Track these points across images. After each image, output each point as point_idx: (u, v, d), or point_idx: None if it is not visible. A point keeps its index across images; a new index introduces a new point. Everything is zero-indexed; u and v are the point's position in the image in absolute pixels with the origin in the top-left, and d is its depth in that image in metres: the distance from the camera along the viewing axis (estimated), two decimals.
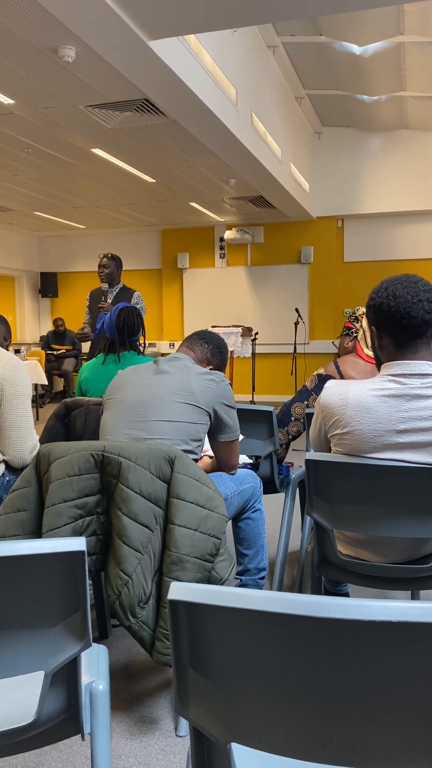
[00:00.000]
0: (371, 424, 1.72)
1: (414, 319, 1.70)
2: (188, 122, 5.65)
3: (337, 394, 1.79)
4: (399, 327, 1.73)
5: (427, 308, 1.71)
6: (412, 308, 1.70)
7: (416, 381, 1.71)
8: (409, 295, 1.71)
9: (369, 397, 1.73)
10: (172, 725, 1.96)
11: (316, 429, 1.91)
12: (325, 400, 1.82)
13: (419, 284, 1.73)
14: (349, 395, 1.76)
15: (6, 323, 2.77)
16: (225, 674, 0.88)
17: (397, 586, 1.88)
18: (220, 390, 2.22)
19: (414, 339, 1.73)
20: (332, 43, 6.64)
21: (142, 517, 1.83)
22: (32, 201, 8.93)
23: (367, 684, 0.81)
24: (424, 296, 1.71)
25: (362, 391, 1.75)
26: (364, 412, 1.72)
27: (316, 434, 1.93)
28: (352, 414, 1.74)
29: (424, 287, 1.73)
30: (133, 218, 10.18)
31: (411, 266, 9.87)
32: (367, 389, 1.75)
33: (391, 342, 1.76)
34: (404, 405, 1.70)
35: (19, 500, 1.94)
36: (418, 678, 0.79)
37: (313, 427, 1.93)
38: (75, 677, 1.21)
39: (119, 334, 3.11)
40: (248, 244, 10.52)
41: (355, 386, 1.78)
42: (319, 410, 1.86)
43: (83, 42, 4.12)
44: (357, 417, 1.73)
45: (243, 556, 2.58)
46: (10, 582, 1.10)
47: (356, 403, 1.74)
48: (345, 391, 1.78)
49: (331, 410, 1.79)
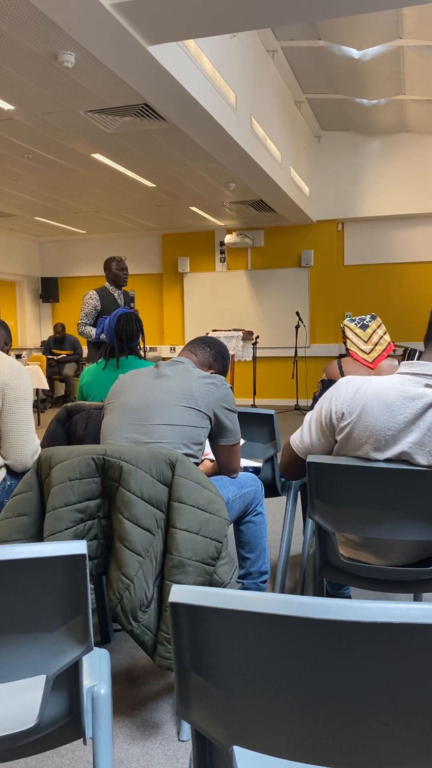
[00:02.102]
0: (387, 416, 1.70)
1: None
2: (188, 127, 5.66)
3: (356, 381, 1.78)
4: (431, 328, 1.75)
5: None
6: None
7: (422, 380, 1.70)
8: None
9: (388, 390, 1.72)
10: (174, 729, 1.95)
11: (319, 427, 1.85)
12: (343, 388, 1.79)
13: None
14: (370, 384, 1.75)
15: (7, 328, 2.77)
16: (227, 677, 0.88)
17: (400, 589, 1.88)
18: (220, 393, 2.22)
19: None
20: (331, 47, 6.66)
21: (143, 521, 1.83)
22: (33, 206, 8.95)
23: (370, 686, 0.80)
24: None
25: (382, 385, 1.74)
26: (383, 404, 1.71)
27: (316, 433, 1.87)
28: (370, 402, 1.72)
29: None
30: (134, 223, 10.20)
31: (411, 269, 9.88)
32: (387, 383, 1.74)
33: (425, 341, 1.78)
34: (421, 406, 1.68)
35: (20, 504, 1.94)
36: (420, 680, 0.79)
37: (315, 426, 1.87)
38: (77, 681, 1.21)
39: (118, 339, 3.12)
40: (248, 248, 10.54)
41: (375, 379, 1.77)
42: (328, 403, 1.81)
43: (83, 47, 4.14)
44: (375, 407, 1.71)
45: (245, 560, 2.58)
46: (12, 586, 1.09)
47: (375, 393, 1.73)
48: (364, 380, 1.77)
49: (349, 396, 1.76)
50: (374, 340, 2.99)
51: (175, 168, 7.09)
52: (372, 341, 2.99)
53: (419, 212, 9.47)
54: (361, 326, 3.03)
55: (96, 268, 11.60)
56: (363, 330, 3.01)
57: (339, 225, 10.16)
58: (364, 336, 3.01)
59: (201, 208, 9.10)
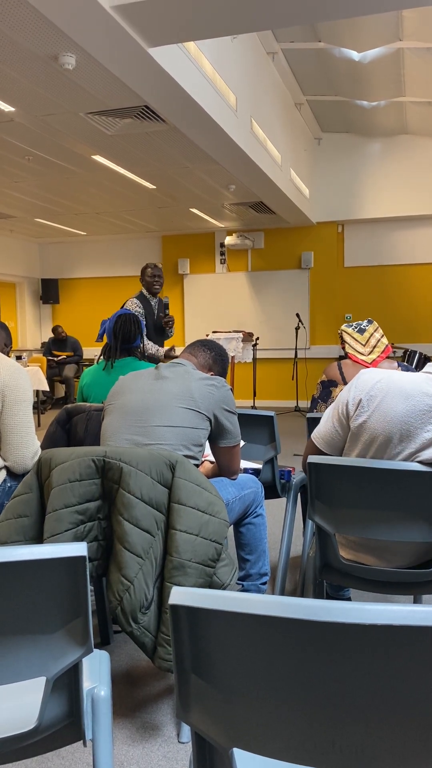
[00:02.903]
0: (405, 409, 1.69)
1: None
2: (188, 129, 5.67)
3: (379, 373, 1.78)
4: None
5: None
6: None
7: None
8: None
9: (410, 385, 1.72)
10: (174, 731, 1.95)
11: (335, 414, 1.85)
12: (364, 377, 1.79)
13: None
14: (392, 377, 1.75)
15: (7, 329, 2.77)
16: (227, 679, 0.88)
17: (400, 591, 1.88)
18: (220, 395, 2.22)
19: None
20: (331, 50, 6.67)
21: (143, 523, 1.83)
22: (33, 208, 8.96)
23: (369, 688, 0.80)
24: None
25: (405, 379, 1.74)
26: (404, 397, 1.70)
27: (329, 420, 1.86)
28: (391, 393, 1.71)
29: None
30: (134, 224, 10.20)
31: (411, 271, 9.88)
32: (410, 378, 1.74)
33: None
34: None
35: (20, 506, 1.94)
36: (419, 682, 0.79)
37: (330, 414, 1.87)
38: (77, 683, 1.21)
39: (115, 340, 3.12)
40: (249, 249, 10.54)
41: (398, 373, 1.77)
42: (347, 392, 1.81)
43: (83, 49, 4.14)
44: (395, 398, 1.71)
45: (245, 562, 2.58)
46: (12, 588, 1.09)
47: (397, 386, 1.72)
48: (387, 373, 1.77)
49: (370, 385, 1.75)
50: (372, 343, 3.02)
51: (176, 170, 7.10)
52: (370, 344, 3.02)
53: (419, 214, 9.47)
54: (359, 330, 3.06)
55: (96, 270, 11.60)
56: (360, 334, 3.04)
57: (339, 227, 10.17)
58: (361, 339, 3.03)
59: (201, 209, 9.11)
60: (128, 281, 11.44)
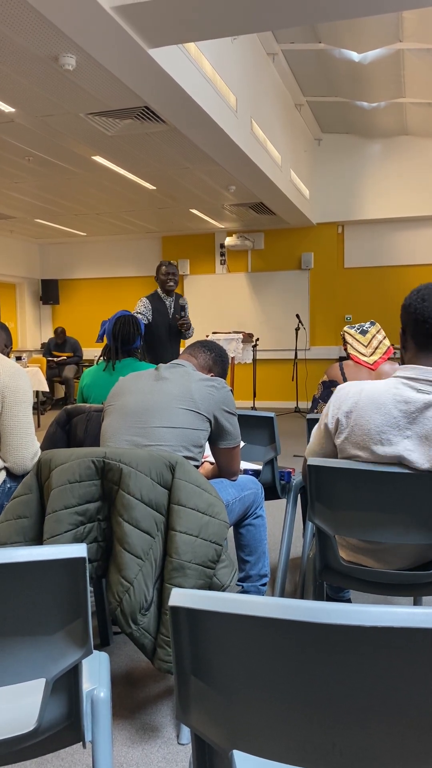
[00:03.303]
0: (381, 419, 1.71)
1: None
2: (188, 129, 5.67)
3: (352, 387, 1.79)
4: (420, 331, 1.72)
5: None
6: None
7: (429, 387, 1.70)
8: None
9: (382, 394, 1.73)
10: (173, 733, 1.95)
11: (320, 433, 1.88)
12: (339, 393, 1.81)
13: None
14: (364, 390, 1.76)
15: (7, 330, 2.77)
16: (227, 681, 0.88)
17: (400, 593, 1.88)
18: (220, 396, 2.22)
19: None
20: (331, 50, 6.67)
21: (143, 524, 1.83)
22: (33, 208, 8.96)
23: (370, 690, 0.80)
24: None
25: (376, 389, 1.74)
26: (376, 407, 1.71)
27: (317, 440, 1.90)
28: (364, 406, 1.73)
29: None
30: (134, 225, 10.20)
31: (411, 272, 9.88)
32: (381, 387, 1.74)
33: (413, 344, 1.76)
34: (414, 410, 1.69)
35: (20, 507, 1.93)
36: (420, 684, 0.79)
37: (316, 433, 1.90)
38: (76, 685, 1.21)
39: (114, 341, 3.11)
40: (249, 250, 10.55)
41: (370, 384, 1.78)
42: (327, 410, 1.84)
43: (83, 50, 4.14)
44: (368, 410, 1.72)
45: (244, 563, 2.58)
46: (11, 589, 1.09)
47: (369, 397, 1.73)
48: (359, 386, 1.78)
49: (345, 402, 1.77)
50: (374, 344, 3.03)
51: (176, 170, 7.10)
52: (372, 345, 3.02)
53: (419, 215, 9.47)
54: (361, 332, 3.07)
55: (96, 271, 11.60)
56: (363, 335, 3.06)
57: (339, 227, 10.17)
58: (363, 341, 3.04)
59: (201, 210, 9.11)
60: (128, 282, 11.44)
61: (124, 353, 3.14)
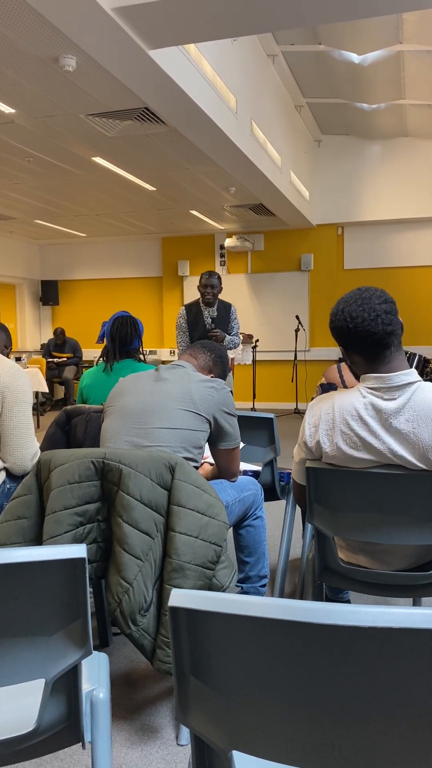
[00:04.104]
0: (360, 428, 1.73)
1: (375, 335, 1.72)
2: (188, 131, 5.67)
3: (323, 405, 1.82)
4: (363, 345, 1.74)
5: (386, 320, 1.71)
6: (371, 326, 1.71)
7: (395, 394, 1.72)
8: (365, 313, 1.72)
9: (353, 404, 1.75)
10: (173, 734, 1.95)
11: (301, 453, 1.90)
12: (313, 411, 1.84)
13: (374, 299, 1.73)
14: (335, 404, 1.78)
15: (6, 331, 2.77)
16: (226, 681, 0.88)
17: (399, 594, 1.88)
18: (220, 397, 2.23)
19: (382, 351, 1.74)
20: (331, 52, 6.68)
21: (142, 525, 1.83)
22: (33, 209, 8.96)
23: (369, 690, 0.80)
24: (381, 309, 1.72)
25: (347, 401, 1.77)
26: (353, 418, 1.74)
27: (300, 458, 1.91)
28: (342, 420, 1.75)
29: (380, 300, 1.73)
30: (134, 226, 10.21)
31: (411, 273, 9.89)
32: (351, 398, 1.77)
33: (362, 359, 1.78)
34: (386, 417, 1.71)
35: (19, 508, 1.94)
36: (418, 684, 0.79)
37: (297, 452, 1.92)
38: (75, 685, 1.21)
39: (113, 342, 3.11)
40: (248, 251, 10.55)
41: (338, 397, 1.80)
42: (303, 429, 1.86)
43: (84, 51, 4.15)
44: (348, 423, 1.75)
45: (244, 564, 2.58)
46: (11, 589, 1.09)
47: (344, 410, 1.76)
48: (329, 402, 1.81)
49: (322, 420, 1.80)
50: None
51: (176, 171, 7.10)
52: None
53: (419, 216, 9.48)
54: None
55: (96, 272, 11.61)
56: None
57: (339, 229, 10.18)
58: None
59: (201, 211, 9.11)
60: (128, 283, 11.44)
61: (122, 354, 3.14)
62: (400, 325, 1.75)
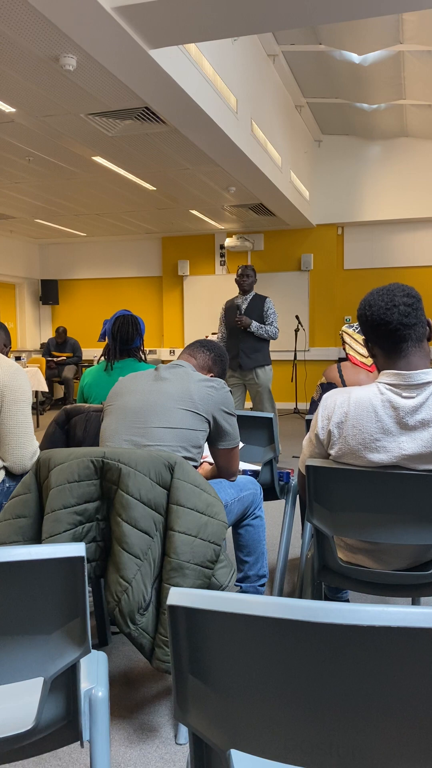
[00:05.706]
0: (374, 427, 1.72)
1: (390, 324, 1.71)
2: (189, 130, 5.67)
3: (340, 396, 1.80)
4: (379, 335, 1.74)
5: (403, 311, 1.70)
6: (386, 314, 1.70)
7: (414, 392, 1.71)
8: (382, 302, 1.72)
9: (371, 401, 1.74)
10: (171, 733, 1.95)
11: (311, 444, 1.89)
12: (327, 403, 1.82)
13: (397, 291, 1.73)
14: (352, 397, 1.77)
15: (6, 330, 2.77)
16: (225, 680, 0.88)
17: (398, 593, 1.88)
18: (219, 397, 2.23)
19: (399, 344, 1.73)
20: (332, 52, 6.68)
21: (141, 524, 1.83)
22: (33, 208, 8.96)
23: (367, 690, 0.80)
24: (400, 301, 1.71)
25: (365, 396, 1.75)
26: (368, 415, 1.72)
27: (309, 450, 1.90)
28: (356, 415, 1.74)
29: (402, 292, 1.73)
30: (134, 226, 10.21)
31: (411, 273, 9.89)
32: (369, 393, 1.75)
33: (380, 351, 1.77)
34: (403, 416, 1.70)
35: (19, 507, 1.94)
36: (418, 683, 0.79)
37: (307, 443, 1.91)
38: (74, 684, 1.21)
39: (114, 341, 3.11)
40: (248, 251, 10.55)
41: (356, 391, 1.79)
42: (316, 420, 1.85)
43: (84, 51, 4.14)
44: (361, 418, 1.73)
45: (243, 563, 2.58)
46: (10, 588, 1.09)
47: (360, 405, 1.74)
48: (347, 394, 1.79)
49: (335, 412, 1.78)
50: None
51: (176, 171, 7.10)
52: None
53: (419, 216, 9.48)
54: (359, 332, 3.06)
55: (96, 271, 11.60)
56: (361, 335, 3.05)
57: (339, 229, 10.18)
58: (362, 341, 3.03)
59: (201, 211, 9.11)
60: (128, 282, 11.44)
61: (123, 353, 3.14)
62: (423, 322, 1.74)
